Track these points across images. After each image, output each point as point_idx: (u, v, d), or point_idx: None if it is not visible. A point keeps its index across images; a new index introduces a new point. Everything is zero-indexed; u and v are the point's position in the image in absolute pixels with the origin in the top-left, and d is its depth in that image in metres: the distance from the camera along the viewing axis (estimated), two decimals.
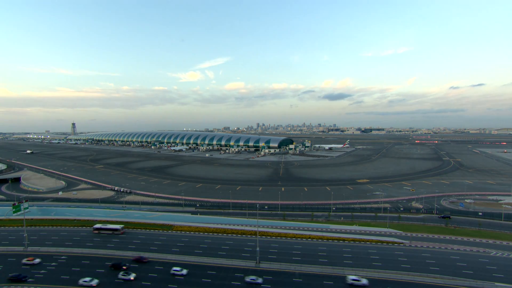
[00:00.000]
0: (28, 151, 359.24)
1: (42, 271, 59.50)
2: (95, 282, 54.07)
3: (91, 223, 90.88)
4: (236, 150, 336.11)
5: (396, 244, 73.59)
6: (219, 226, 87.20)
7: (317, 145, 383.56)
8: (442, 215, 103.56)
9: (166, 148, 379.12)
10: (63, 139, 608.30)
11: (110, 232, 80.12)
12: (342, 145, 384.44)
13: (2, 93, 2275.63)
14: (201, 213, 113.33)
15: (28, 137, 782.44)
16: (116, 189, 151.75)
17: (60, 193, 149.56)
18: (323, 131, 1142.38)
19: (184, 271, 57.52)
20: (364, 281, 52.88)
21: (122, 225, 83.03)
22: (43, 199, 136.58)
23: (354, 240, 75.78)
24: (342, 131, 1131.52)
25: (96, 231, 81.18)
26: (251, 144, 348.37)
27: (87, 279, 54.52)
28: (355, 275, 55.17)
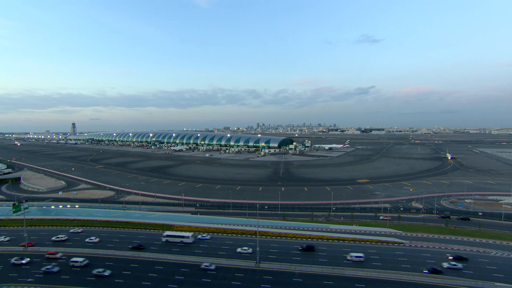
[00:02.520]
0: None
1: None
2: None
3: (91, 223, 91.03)
4: (236, 150, 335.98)
5: (396, 244, 73.61)
6: (219, 226, 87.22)
7: (317, 145, 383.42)
8: (443, 215, 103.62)
9: (166, 148, 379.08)
10: (63, 139, 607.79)
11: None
12: (342, 145, 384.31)
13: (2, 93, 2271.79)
14: (201, 213, 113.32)
15: (28, 137, 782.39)
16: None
17: (60, 193, 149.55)
18: (323, 131, 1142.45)
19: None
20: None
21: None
22: (43, 199, 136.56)
23: (354, 240, 75.80)
24: (342, 131, 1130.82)
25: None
26: (251, 144, 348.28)
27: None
28: (355, 275, 55.25)
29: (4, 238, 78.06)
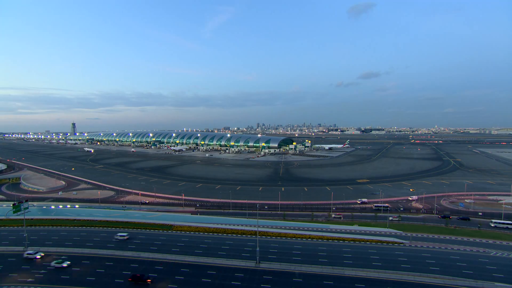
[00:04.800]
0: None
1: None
2: None
3: (91, 223, 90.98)
4: (236, 150, 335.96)
5: (396, 244, 73.58)
6: (219, 226, 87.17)
7: (317, 145, 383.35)
8: (442, 215, 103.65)
9: (166, 148, 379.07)
10: (63, 139, 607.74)
11: None
12: (342, 145, 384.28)
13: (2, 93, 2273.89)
14: (201, 213, 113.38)
15: (28, 137, 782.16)
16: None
17: (60, 193, 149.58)
18: (323, 131, 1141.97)
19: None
20: None
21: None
22: (43, 199, 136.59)
23: (354, 240, 75.76)
24: (342, 131, 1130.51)
25: None
26: (251, 144, 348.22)
27: None
28: (355, 275, 55.24)
29: None
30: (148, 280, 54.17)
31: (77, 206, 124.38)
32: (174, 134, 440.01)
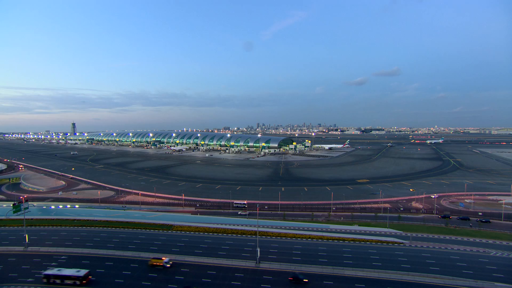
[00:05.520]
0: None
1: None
2: None
3: (91, 223, 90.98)
4: (236, 150, 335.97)
5: (396, 244, 73.58)
6: (219, 226, 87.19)
7: (317, 145, 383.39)
8: (443, 215, 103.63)
9: (166, 148, 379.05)
10: (63, 139, 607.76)
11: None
12: (342, 145, 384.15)
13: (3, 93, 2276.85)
14: (201, 213, 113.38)
15: (28, 138, 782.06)
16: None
17: (60, 193, 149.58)
18: (323, 131, 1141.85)
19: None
20: None
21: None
22: (43, 199, 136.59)
23: (354, 240, 75.76)
24: (342, 131, 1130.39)
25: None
26: (251, 144, 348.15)
27: None
28: (355, 275, 55.24)
29: None
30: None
31: (77, 206, 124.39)
32: (174, 134, 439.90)
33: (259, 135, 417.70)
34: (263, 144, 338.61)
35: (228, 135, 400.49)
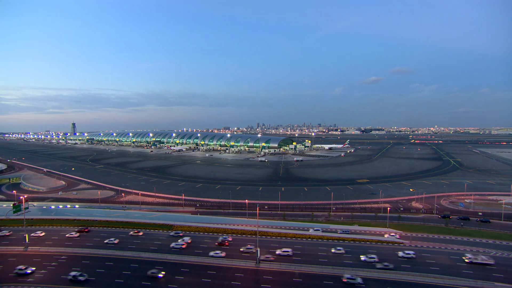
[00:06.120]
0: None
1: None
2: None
3: (91, 223, 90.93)
4: (236, 150, 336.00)
5: (396, 244, 73.58)
6: (219, 226, 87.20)
7: (317, 145, 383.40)
8: (443, 215, 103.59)
9: (166, 148, 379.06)
10: (63, 139, 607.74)
11: None
12: (342, 145, 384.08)
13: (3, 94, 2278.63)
14: (201, 213, 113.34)
15: (28, 138, 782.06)
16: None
17: (60, 193, 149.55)
18: (323, 131, 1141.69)
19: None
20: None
21: None
22: (43, 199, 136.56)
23: (354, 240, 75.78)
24: (342, 131, 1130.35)
25: None
26: (251, 144, 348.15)
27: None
28: (355, 275, 55.18)
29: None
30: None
31: (77, 206, 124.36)
32: (174, 134, 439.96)
33: (259, 135, 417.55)
34: (263, 144, 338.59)
35: (228, 135, 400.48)
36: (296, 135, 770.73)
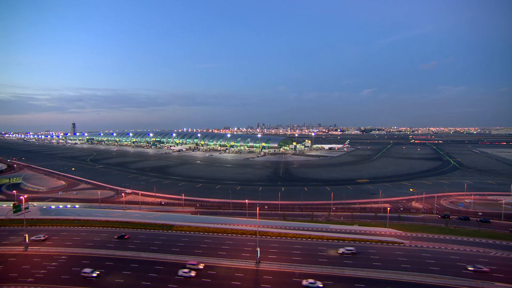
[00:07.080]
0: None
1: None
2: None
3: (91, 223, 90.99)
4: (236, 150, 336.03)
5: (396, 244, 73.60)
6: (219, 226, 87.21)
7: (317, 145, 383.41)
8: (443, 215, 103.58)
9: (166, 148, 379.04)
10: (63, 139, 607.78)
11: None
12: (342, 145, 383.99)
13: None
14: (201, 213, 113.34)
15: (28, 138, 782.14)
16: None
17: (60, 193, 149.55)
18: (323, 131, 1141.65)
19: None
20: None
21: None
22: (43, 199, 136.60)
23: (354, 240, 75.78)
24: (342, 131, 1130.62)
25: None
26: (251, 144, 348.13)
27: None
28: (355, 275, 55.24)
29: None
30: None
31: (77, 206, 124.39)
32: (174, 134, 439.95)
33: (259, 135, 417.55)
34: (263, 144, 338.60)
35: (228, 135, 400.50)
36: (296, 135, 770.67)
